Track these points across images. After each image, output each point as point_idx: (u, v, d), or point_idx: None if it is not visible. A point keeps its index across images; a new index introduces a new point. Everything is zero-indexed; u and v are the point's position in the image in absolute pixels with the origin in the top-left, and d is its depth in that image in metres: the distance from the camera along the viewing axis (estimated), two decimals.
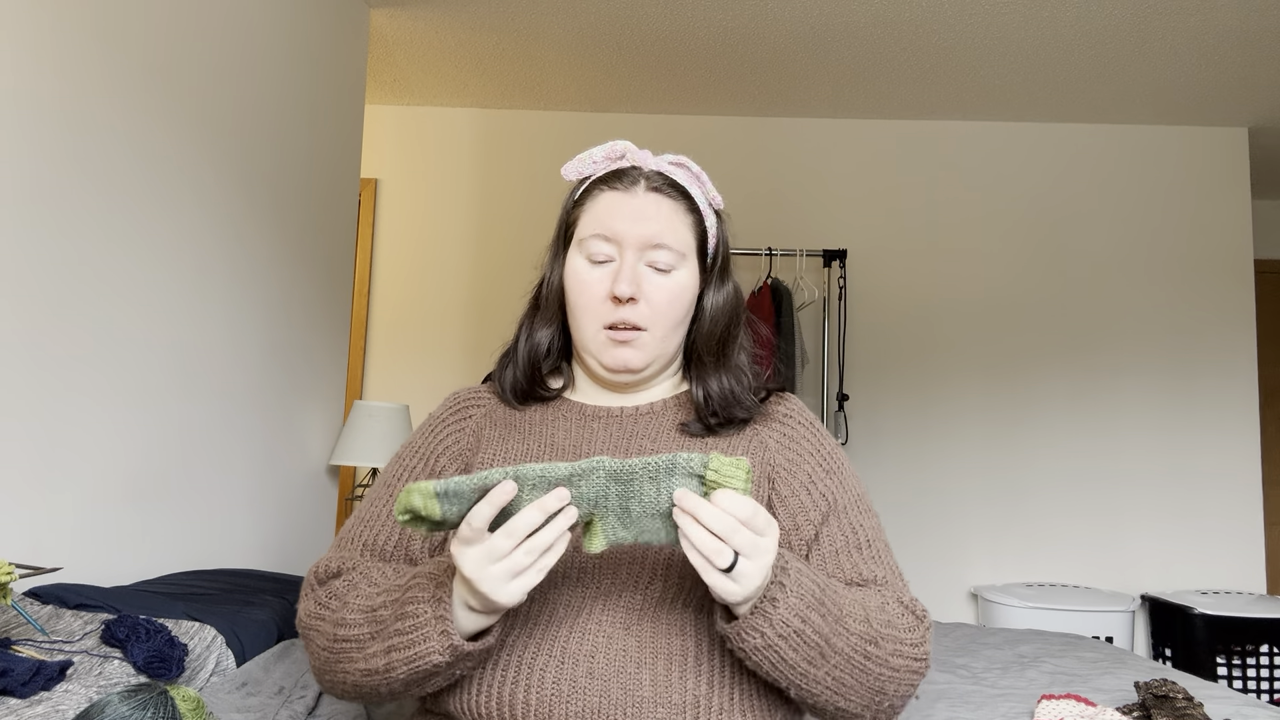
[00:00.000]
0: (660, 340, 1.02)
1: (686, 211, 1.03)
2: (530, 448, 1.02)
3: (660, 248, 1.00)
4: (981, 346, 3.70)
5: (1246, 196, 3.70)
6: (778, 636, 0.81)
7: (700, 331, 1.06)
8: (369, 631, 0.86)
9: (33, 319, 1.56)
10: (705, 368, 1.05)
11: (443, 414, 1.09)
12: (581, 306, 1.02)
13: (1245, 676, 3.19)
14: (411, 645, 0.82)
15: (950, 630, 2.14)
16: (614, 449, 1.01)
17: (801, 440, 1.04)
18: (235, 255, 2.20)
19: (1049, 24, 2.95)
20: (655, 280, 1.01)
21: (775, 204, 3.77)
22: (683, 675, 0.87)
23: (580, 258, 1.03)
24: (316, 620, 0.92)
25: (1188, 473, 3.60)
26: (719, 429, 1.03)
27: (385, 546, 0.99)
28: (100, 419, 1.73)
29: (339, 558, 0.98)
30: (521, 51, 3.30)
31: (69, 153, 1.62)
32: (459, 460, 1.04)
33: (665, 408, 1.06)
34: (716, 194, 1.07)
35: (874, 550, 0.99)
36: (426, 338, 3.77)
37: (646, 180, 1.03)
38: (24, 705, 1.04)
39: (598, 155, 1.05)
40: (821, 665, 0.84)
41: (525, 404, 1.08)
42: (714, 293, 1.07)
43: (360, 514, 1.03)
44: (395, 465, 1.06)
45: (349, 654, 0.87)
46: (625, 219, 1.00)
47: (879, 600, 0.92)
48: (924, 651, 0.92)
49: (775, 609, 0.80)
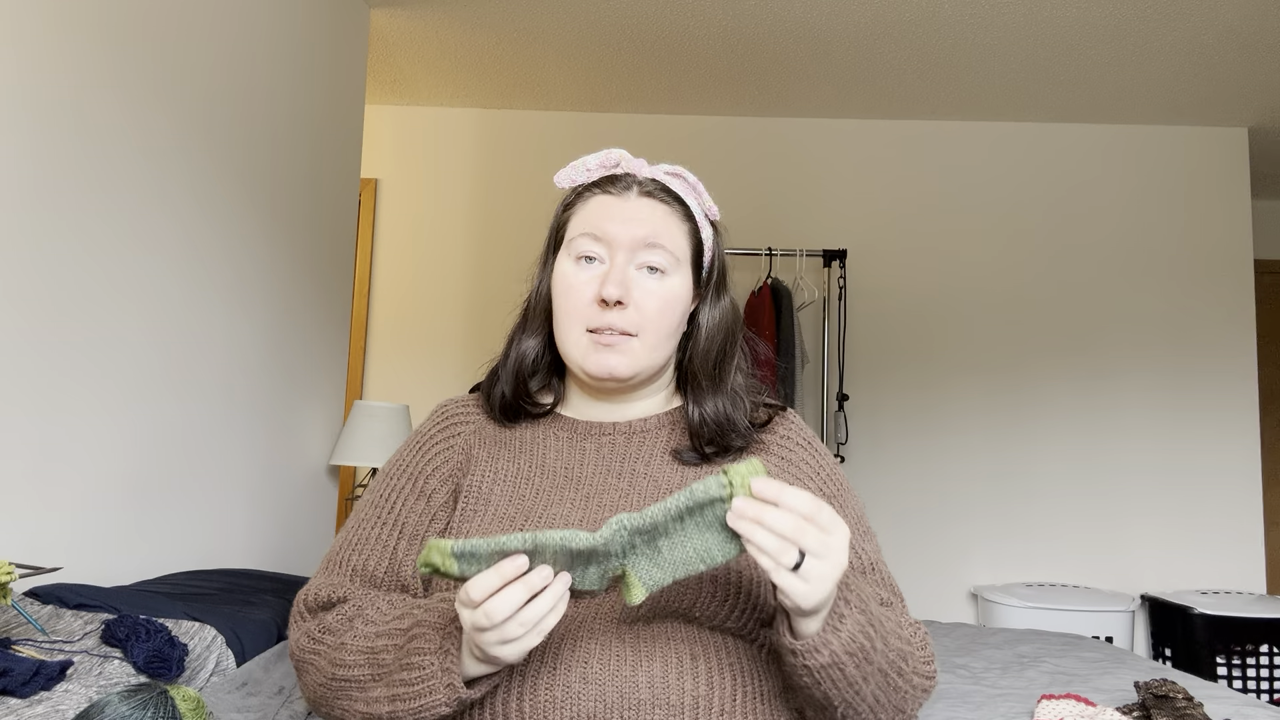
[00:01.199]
0: (650, 349, 0.97)
1: (682, 219, 1.00)
2: (521, 468, 0.99)
3: (654, 247, 0.96)
4: (981, 346, 3.70)
5: (1246, 196, 3.70)
6: (846, 654, 0.78)
7: (695, 350, 1.02)
8: (370, 674, 0.84)
9: (33, 319, 1.56)
10: (701, 390, 1.01)
11: (430, 430, 1.05)
12: (565, 310, 0.97)
13: (1245, 676, 3.19)
14: (417, 697, 0.80)
15: (950, 630, 2.14)
16: (606, 471, 0.98)
17: (800, 464, 1.01)
18: (235, 255, 2.20)
19: (1049, 24, 2.95)
20: (646, 285, 0.96)
21: (775, 204, 3.77)
22: (680, 676, 0.86)
23: (568, 260, 0.98)
24: (311, 655, 0.90)
25: (1188, 473, 3.60)
26: (712, 459, 0.99)
27: (376, 572, 0.96)
28: (100, 419, 1.73)
29: (329, 585, 0.95)
30: (521, 51, 3.30)
31: (69, 152, 1.62)
32: (449, 481, 1.00)
33: (659, 425, 1.03)
34: (713, 205, 1.04)
35: (878, 574, 0.97)
36: (426, 338, 3.77)
37: (640, 186, 0.99)
38: (24, 705, 1.04)
39: (591, 163, 1.01)
40: (869, 683, 0.82)
41: (514, 422, 1.03)
42: (710, 308, 1.02)
43: (348, 537, 0.99)
44: (384, 484, 1.02)
45: (349, 693, 0.86)
46: (616, 220, 0.96)
47: (896, 617, 0.91)
48: (934, 669, 0.92)
49: (844, 625, 0.78)
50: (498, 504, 0.96)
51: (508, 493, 0.97)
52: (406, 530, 0.98)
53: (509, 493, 0.97)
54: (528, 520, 0.93)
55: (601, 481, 0.97)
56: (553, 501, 0.95)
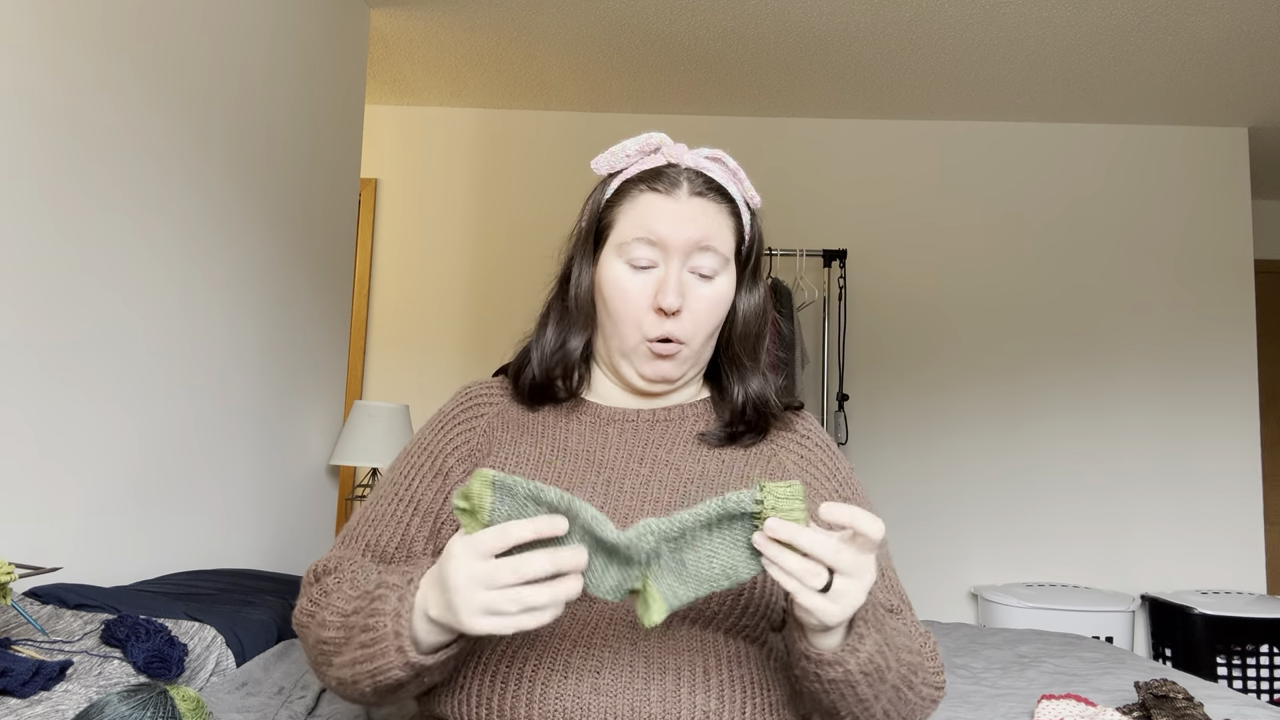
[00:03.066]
0: (697, 352, 0.99)
1: (729, 215, 1.00)
2: (543, 451, 0.99)
3: (707, 250, 0.97)
4: (981, 346, 3.70)
5: (1246, 196, 3.70)
6: (860, 673, 0.78)
7: (734, 335, 1.03)
8: (342, 636, 0.83)
9: (32, 319, 1.56)
10: (744, 371, 1.02)
11: (453, 410, 1.05)
12: (624, 315, 0.97)
13: (1245, 676, 3.19)
14: (372, 659, 0.79)
15: (950, 630, 2.14)
16: (628, 456, 0.98)
17: (819, 464, 1.02)
18: (235, 255, 2.20)
19: (1049, 24, 2.95)
20: (698, 290, 0.97)
21: (775, 204, 3.76)
22: (692, 690, 0.85)
23: (620, 262, 0.98)
24: (307, 618, 0.90)
25: (1188, 473, 3.60)
26: (742, 437, 1.00)
27: (388, 547, 0.96)
28: (100, 419, 1.73)
29: (337, 556, 0.96)
30: (521, 51, 3.30)
31: (69, 152, 1.62)
32: (468, 461, 1.00)
33: (684, 414, 1.03)
34: (753, 191, 1.04)
35: (887, 579, 0.97)
36: (426, 338, 3.77)
37: (689, 183, 0.99)
38: (24, 705, 1.04)
39: (631, 149, 1.00)
40: (880, 700, 0.82)
41: (539, 405, 1.04)
42: (747, 294, 1.03)
43: (365, 512, 1.00)
44: (403, 462, 1.02)
45: (329, 657, 0.85)
46: (669, 222, 0.96)
47: (906, 629, 0.91)
48: (943, 680, 0.92)
49: (863, 644, 0.77)
50: None
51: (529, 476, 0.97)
52: (421, 507, 0.98)
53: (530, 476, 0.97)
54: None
55: (623, 467, 0.97)
56: (574, 485, 0.95)
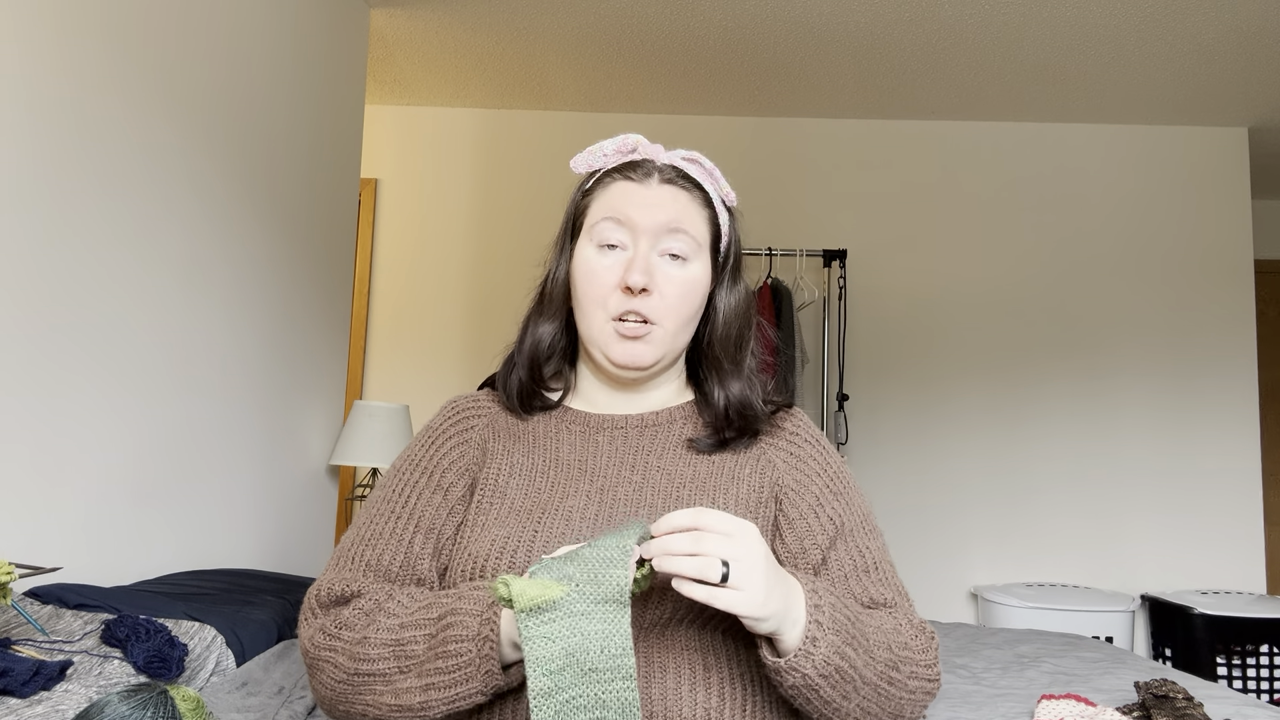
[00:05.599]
0: (671, 335, 0.98)
1: (701, 205, 1.01)
2: (535, 461, 0.99)
3: (677, 232, 0.97)
4: (981, 346, 3.70)
5: (1246, 196, 3.70)
6: (819, 676, 0.79)
7: (714, 335, 1.03)
8: (397, 666, 0.83)
9: (33, 319, 1.56)
10: (723, 373, 1.02)
11: (442, 425, 1.04)
12: (590, 297, 0.97)
13: (1245, 676, 3.19)
14: (453, 685, 0.80)
15: (950, 630, 2.14)
16: (620, 464, 0.98)
17: (809, 460, 1.02)
18: (235, 255, 2.20)
19: (1049, 24, 2.95)
20: (668, 271, 0.97)
21: (775, 204, 3.77)
22: (693, 689, 0.85)
23: (590, 245, 0.99)
24: (326, 652, 0.88)
25: (1188, 472, 3.60)
26: (731, 442, 1.00)
27: (390, 567, 0.95)
28: (100, 419, 1.73)
29: (341, 580, 0.94)
30: (521, 51, 3.30)
31: (70, 152, 1.62)
32: (466, 475, 0.99)
33: (671, 418, 1.03)
34: (730, 190, 1.05)
35: (881, 573, 0.97)
36: (426, 338, 3.77)
37: (661, 174, 1.00)
38: (24, 705, 1.04)
39: (608, 148, 1.02)
40: (853, 698, 0.83)
41: (530, 412, 1.04)
42: (727, 293, 1.03)
43: (360, 532, 0.98)
44: (395, 480, 1.01)
45: (372, 687, 0.84)
46: (638, 205, 0.97)
47: (893, 623, 0.91)
48: (936, 672, 0.92)
49: (816, 649, 0.79)
50: (513, 497, 0.96)
51: (523, 486, 0.97)
52: (423, 524, 0.97)
53: (524, 485, 0.97)
54: (544, 514, 0.93)
55: (615, 474, 0.97)
56: (567, 495, 0.95)
